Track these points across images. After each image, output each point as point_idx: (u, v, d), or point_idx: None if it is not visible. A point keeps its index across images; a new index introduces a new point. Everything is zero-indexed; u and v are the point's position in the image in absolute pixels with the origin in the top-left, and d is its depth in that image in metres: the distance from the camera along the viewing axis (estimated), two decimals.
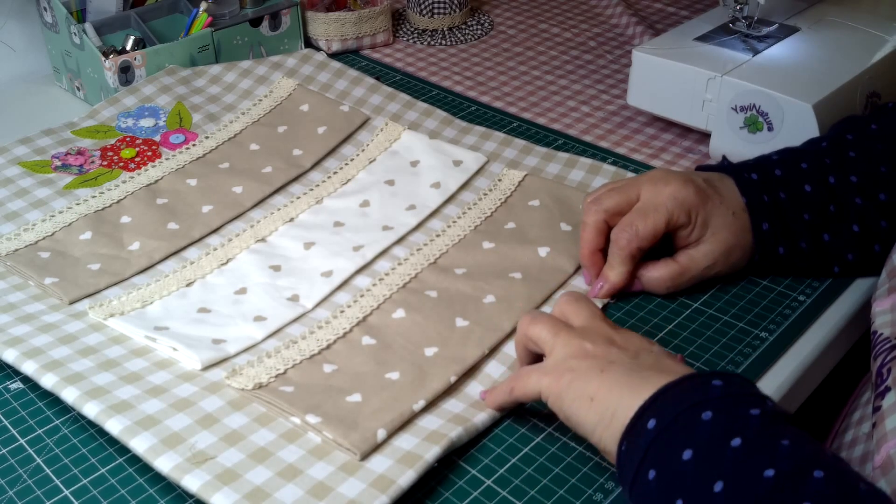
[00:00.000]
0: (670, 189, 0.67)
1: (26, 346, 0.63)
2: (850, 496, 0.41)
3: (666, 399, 0.48)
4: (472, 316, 0.67)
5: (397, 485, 0.53)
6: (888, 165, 0.69)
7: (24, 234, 0.76)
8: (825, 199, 0.69)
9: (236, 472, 0.54)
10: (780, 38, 0.89)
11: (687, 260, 0.68)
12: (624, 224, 0.67)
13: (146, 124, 0.91)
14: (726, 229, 0.67)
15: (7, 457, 0.58)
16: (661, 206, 0.67)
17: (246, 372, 0.62)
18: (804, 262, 0.70)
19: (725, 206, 0.68)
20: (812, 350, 0.66)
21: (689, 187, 0.67)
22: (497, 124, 0.94)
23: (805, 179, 0.69)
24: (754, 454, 0.44)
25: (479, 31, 1.16)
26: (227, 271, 0.73)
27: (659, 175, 0.69)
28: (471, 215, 0.78)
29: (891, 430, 0.53)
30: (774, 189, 0.69)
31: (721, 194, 0.68)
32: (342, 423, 0.57)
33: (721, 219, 0.67)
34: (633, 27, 1.13)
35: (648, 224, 0.66)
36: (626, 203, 0.68)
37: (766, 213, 0.68)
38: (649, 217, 0.67)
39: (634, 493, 0.48)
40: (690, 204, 0.67)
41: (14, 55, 1.05)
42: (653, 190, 0.67)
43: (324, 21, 1.08)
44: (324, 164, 0.87)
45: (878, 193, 0.69)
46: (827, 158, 0.70)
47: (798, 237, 0.69)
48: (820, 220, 0.69)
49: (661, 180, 0.68)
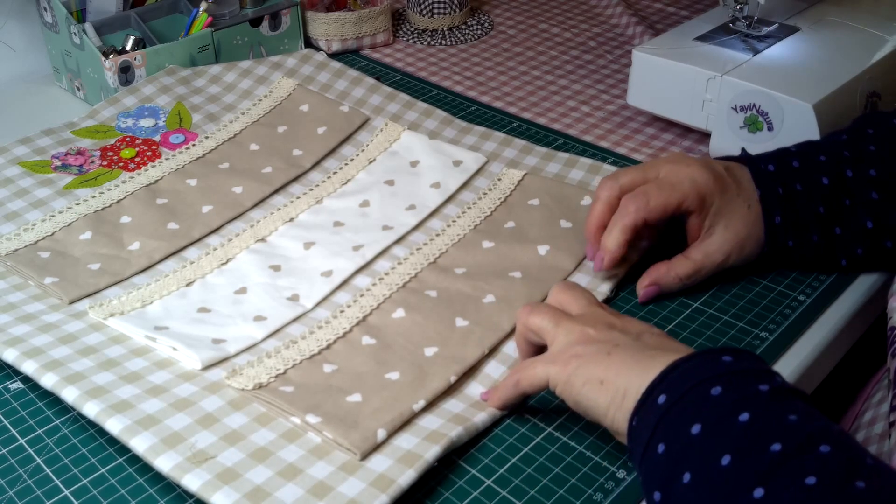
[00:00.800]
0: (690, 171, 0.66)
1: (26, 346, 0.63)
2: (857, 470, 0.41)
3: (675, 375, 0.49)
4: (471, 316, 0.67)
5: (397, 484, 0.53)
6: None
7: (23, 234, 0.76)
8: (841, 192, 0.68)
9: (236, 471, 0.54)
10: (780, 38, 0.89)
11: (701, 256, 0.68)
12: (637, 192, 0.66)
13: (146, 124, 0.91)
14: (741, 220, 0.67)
15: (7, 457, 0.58)
16: (679, 184, 0.66)
17: (246, 372, 0.62)
18: (812, 253, 0.69)
19: (743, 198, 0.67)
20: (812, 350, 0.66)
21: (709, 173, 0.66)
22: (497, 124, 0.94)
23: (822, 171, 0.69)
24: (762, 429, 0.44)
25: (479, 31, 1.16)
26: (227, 271, 0.73)
27: (680, 157, 0.68)
28: (470, 215, 0.78)
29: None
30: (791, 180, 0.68)
31: (740, 184, 0.68)
32: (342, 423, 0.57)
33: (737, 210, 0.67)
34: (633, 27, 1.13)
35: (661, 198, 0.65)
36: (644, 181, 0.68)
37: (779, 206, 0.67)
38: (663, 191, 0.66)
39: (644, 468, 0.48)
40: (707, 190, 0.66)
41: (14, 55, 1.05)
42: (673, 169, 0.67)
43: (324, 21, 1.08)
44: (324, 165, 0.87)
45: (894, 190, 0.68)
46: (846, 151, 0.70)
47: (810, 230, 0.68)
48: (834, 213, 0.68)
49: (682, 161, 0.67)
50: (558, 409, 0.61)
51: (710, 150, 0.86)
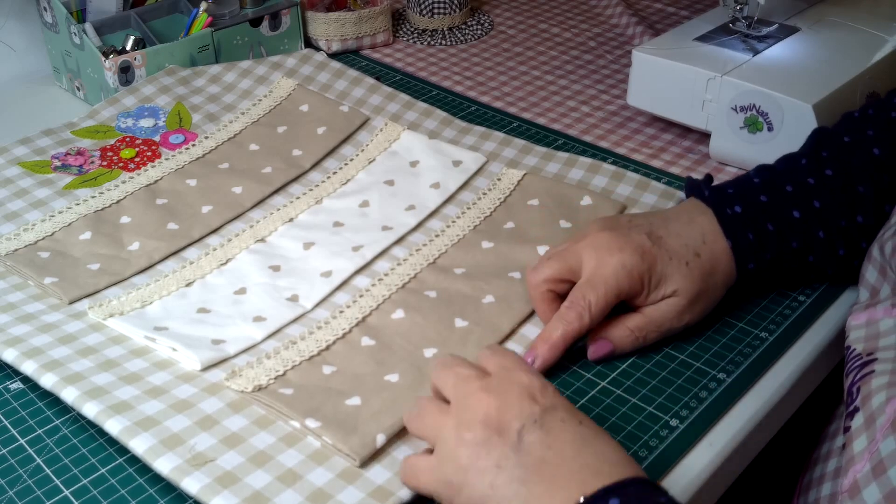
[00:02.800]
0: (615, 260, 0.62)
1: (26, 346, 0.63)
2: None
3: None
4: (470, 316, 0.67)
5: (397, 496, 0.53)
6: (865, 185, 0.67)
7: (23, 234, 0.76)
8: (813, 225, 0.67)
9: (236, 475, 0.54)
10: (780, 38, 0.89)
11: (647, 321, 0.63)
12: (575, 301, 0.62)
13: (146, 124, 0.91)
14: (683, 280, 0.63)
15: (7, 457, 0.58)
16: (611, 277, 0.62)
17: (245, 374, 0.62)
18: (789, 278, 0.69)
19: (677, 259, 0.63)
20: (812, 350, 0.66)
21: (636, 254, 0.62)
22: (497, 124, 0.94)
23: (792, 205, 0.66)
24: None
25: (479, 31, 1.16)
26: (227, 271, 0.73)
27: (601, 241, 0.63)
28: (470, 215, 0.78)
29: (858, 452, 0.53)
30: (762, 220, 0.65)
31: (669, 247, 0.63)
32: (341, 428, 0.57)
33: (676, 272, 0.63)
34: (633, 27, 1.13)
35: (601, 301, 0.61)
36: (568, 270, 0.64)
37: (752, 255, 0.65)
38: (598, 291, 0.61)
39: None
40: (640, 271, 0.62)
41: (14, 55, 1.05)
42: (597, 259, 0.62)
43: (324, 21, 1.08)
44: (323, 165, 0.87)
45: (856, 216, 0.67)
46: (810, 178, 0.67)
47: (785, 264, 0.67)
48: (808, 245, 0.67)
49: (605, 248, 0.63)
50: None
51: (709, 151, 0.86)
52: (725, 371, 0.64)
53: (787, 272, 0.68)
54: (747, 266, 0.65)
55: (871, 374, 0.55)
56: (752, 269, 0.65)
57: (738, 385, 0.63)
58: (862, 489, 0.50)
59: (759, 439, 0.63)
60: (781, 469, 0.81)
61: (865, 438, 0.53)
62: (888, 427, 0.51)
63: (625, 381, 0.63)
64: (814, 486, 0.63)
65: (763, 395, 0.62)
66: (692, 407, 0.61)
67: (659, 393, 0.62)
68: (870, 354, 0.57)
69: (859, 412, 0.54)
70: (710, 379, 0.63)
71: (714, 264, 0.64)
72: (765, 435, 0.63)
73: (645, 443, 0.58)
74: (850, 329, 0.61)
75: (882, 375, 0.54)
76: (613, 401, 0.61)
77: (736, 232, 0.65)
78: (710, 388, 0.62)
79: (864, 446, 0.52)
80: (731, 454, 0.59)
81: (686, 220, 0.65)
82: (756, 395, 0.62)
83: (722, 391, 0.62)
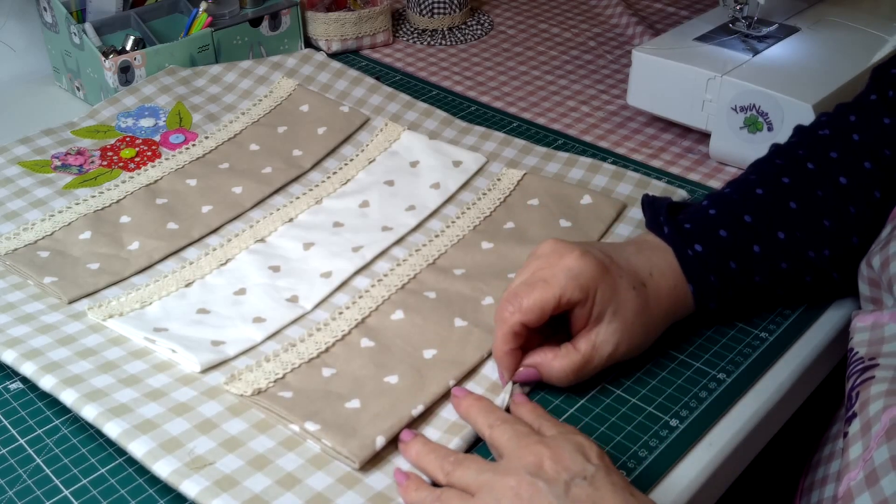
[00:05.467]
0: (564, 262, 0.59)
1: (25, 348, 0.63)
2: None
3: None
4: (470, 317, 0.67)
5: (396, 503, 0.53)
6: (831, 219, 0.66)
7: (23, 233, 0.76)
8: (777, 257, 0.65)
9: (235, 478, 0.54)
10: (780, 38, 0.89)
11: (589, 348, 0.60)
12: (507, 295, 0.59)
13: (146, 124, 0.91)
14: (626, 305, 0.60)
15: (7, 457, 0.58)
16: (553, 278, 0.58)
17: (245, 377, 0.61)
18: (755, 309, 0.68)
19: (626, 280, 0.60)
20: (812, 350, 0.66)
21: (587, 260, 0.59)
22: (497, 124, 0.94)
23: (754, 238, 0.65)
24: None
25: (479, 31, 1.16)
26: (227, 272, 0.73)
27: (552, 247, 0.61)
28: (470, 215, 0.78)
29: (853, 459, 0.52)
30: (723, 259, 0.63)
31: (620, 267, 0.61)
32: (341, 431, 0.57)
33: (622, 294, 0.60)
34: (633, 27, 1.13)
35: (533, 297, 0.58)
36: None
37: (714, 296, 0.64)
38: (536, 290, 0.58)
39: None
40: (587, 278, 0.59)
41: (14, 55, 1.05)
42: (546, 262, 0.60)
43: (324, 21, 1.08)
44: (323, 165, 0.87)
45: (823, 249, 0.66)
46: (771, 209, 0.66)
47: (750, 299, 0.66)
48: (773, 278, 0.66)
49: (556, 252, 0.60)
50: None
51: (709, 151, 0.86)
52: (725, 371, 0.64)
53: (757, 306, 0.68)
54: (709, 306, 0.64)
55: (871, 380, 0.55)
56: (714, 308, 0.65)
57: (737, 385, 0.63)
58: (855, 497, 0.50)
59: (759, 440, 0.63)
60: (781, 470, 0.81)
61: (861, 446, 0.52)
62: (882, 436, 0.51)
63: (625, 381, 0.63)
64: (816, 488, 0.63)
65: (763, 396, 0.62)
66: (692, 407, 0.61)
67: (659, 393, 0.62)
68: (872, 359, 0.56)
69: (857, 418, 0.54)
70: (709, 379, 0.63)
71: (657, 301, 0.62)
72: (765, 435, 0.63)
73: (645, 443, 0.58)
74: (855, 331, 0.60)
75: (882, 382, 0.54)
76: (613, 401, 0.61)
77: (697, 275, 0.63)
78: (709, 388, 0.62)
79: (859, 454, 0.52)
80: (730, 454, 0.59)
81: (634, 251, 0.64)
82: (756, 396, 0.62)
83: (722, 391, 0.62)
